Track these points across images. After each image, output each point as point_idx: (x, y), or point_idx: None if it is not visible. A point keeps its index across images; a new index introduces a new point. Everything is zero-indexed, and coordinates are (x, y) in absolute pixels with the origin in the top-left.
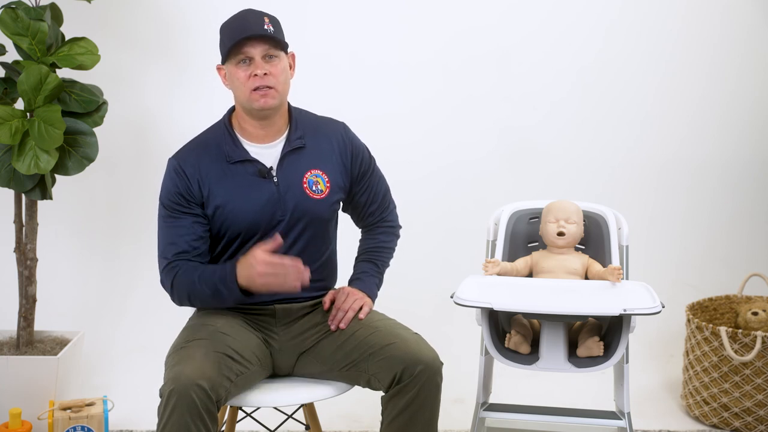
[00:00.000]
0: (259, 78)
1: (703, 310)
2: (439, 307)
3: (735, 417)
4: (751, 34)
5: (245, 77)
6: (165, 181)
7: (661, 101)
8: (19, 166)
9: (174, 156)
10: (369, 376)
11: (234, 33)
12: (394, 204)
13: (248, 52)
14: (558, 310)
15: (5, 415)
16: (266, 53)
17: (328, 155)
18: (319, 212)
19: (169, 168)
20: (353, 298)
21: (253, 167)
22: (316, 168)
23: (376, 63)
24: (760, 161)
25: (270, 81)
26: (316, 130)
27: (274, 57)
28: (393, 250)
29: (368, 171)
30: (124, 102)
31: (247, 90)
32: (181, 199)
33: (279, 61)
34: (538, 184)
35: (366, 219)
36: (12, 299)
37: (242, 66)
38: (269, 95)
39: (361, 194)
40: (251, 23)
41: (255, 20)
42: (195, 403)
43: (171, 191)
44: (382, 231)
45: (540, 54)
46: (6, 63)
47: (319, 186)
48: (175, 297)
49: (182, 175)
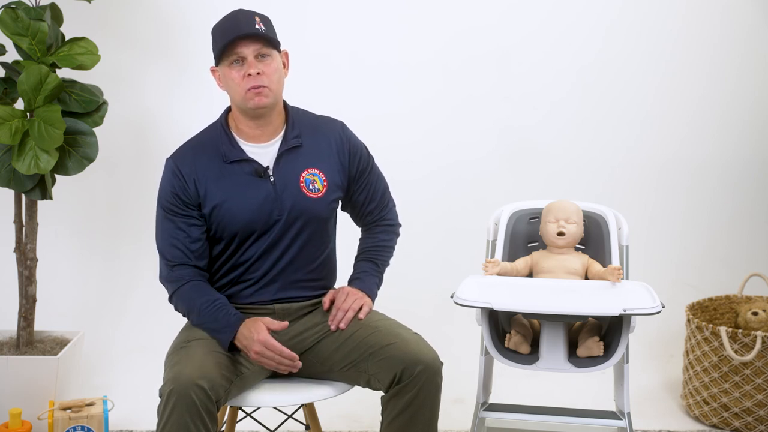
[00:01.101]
0: (253, 77)
1: (703, 310)
2: (439, 307)
3: (735, 417)
4: (751, 34)
5: (239, 77)
6: (162, 182)
7: (661, 101)
8: (19, 166)
9: (171, 156)
10: (369, 376)
11: (225, 33)
12: (394, 202)
13: (240, 52)
14: (558, 310)
15: (5, 415)
16: (258, 52)
17: (326, 154)
18: (316, 211)
19: (166, 169)
20: (353, 298)
21: (249, 167)
22: (313, 167)
23: (376, 63)
24: (760, 161)
25: (263, 80)
26: (313, 129)
27: (267, 56)
28: (393, 248)
29: (366, 169)
30: (124, 102)
31: (241, 90)
32: (177, 200)
33: (272, 60)
34: (538, 184)
35: (365, 218)
36: (12, 299)
37: (235, 66)
38: (263, 93)
39: (360, 193)
40: (242, 23)
41: (246, 20)
42: (195, 403)
43: (168, 192)
44: (381, 230)
45: (540, 54)
46: (6, 63)
47: (316, 185)
48: (173, 304)
49: (179, 175)
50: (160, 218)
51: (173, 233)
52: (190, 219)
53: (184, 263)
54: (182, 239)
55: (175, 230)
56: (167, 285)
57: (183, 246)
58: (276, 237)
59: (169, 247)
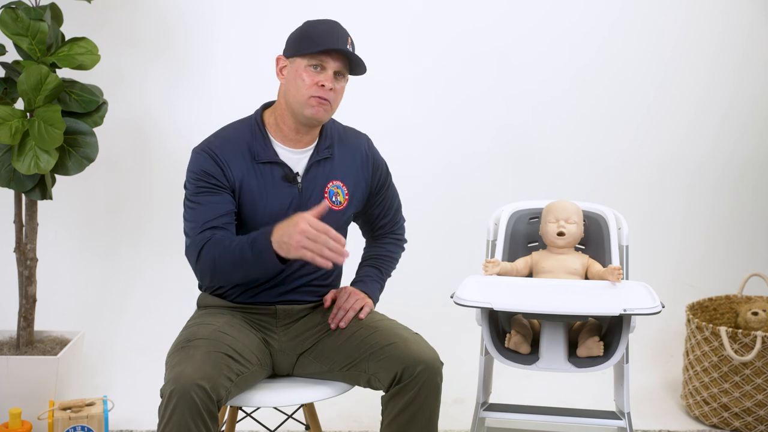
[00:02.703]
0: (325, 90)
1: (703, 310)
2: (439, 307)
3: (735, 417)
4: (752, 34)
5: (311, 82)
6: (193, 167)
7: (661, 101)
8: (19, 166)
9: (201, 146)
10: (369, 376)
11: (322, 39)
12: (404, 219)
13: (326, 62)
14: (558, 310)
15: (5, 415)
16: (339, 70)
17: (350, 167)
18: (335, 223)
19: (199, 156)
20: (354, 298)
21: (280, 170)
22: (338, 179)
23: (376, 63)
24: (760, 161)
25: (331, 96)
26: (342, 141)
27: (343, 78)
28: (397, 261)
29: (385, 185)
30: (124, 102)
31: (307, 93)
32: (214, 179)
33: (345, 83)
34: (539, 184)
35: (375, 231)
36: (12, 299)
37: (313, 71)
38: (325, 108)
39: (375, 207)
40: (339, 37)
41: (342, 36)
42: (195, 403)
43: (203, 173)
44: (389, 241)
45: (540, 53)
46: (6, 63)
47: (339, 198)
48: (199, 265)
49: (217, 159)
50: (190, 198)
51: (205, 206)
52: (226, 196)
53: (216, 227)
54: (214, 209)
55: (209, 205)
56: (193, 245)
57: (213, 214)
58: None
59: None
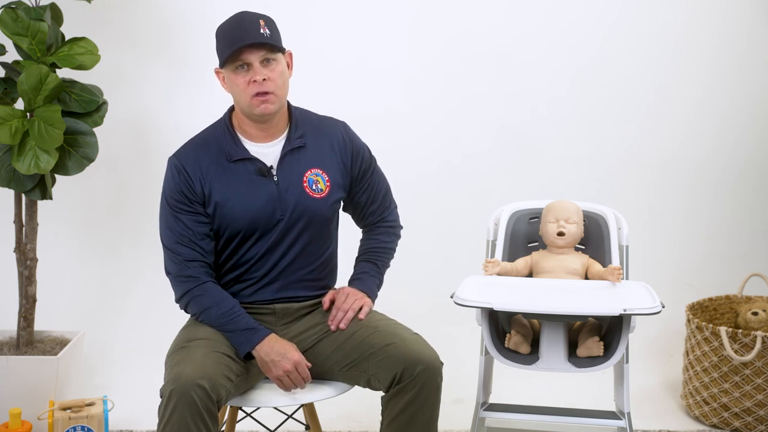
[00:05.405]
0: (259, 84)
1: (703, 310)
2: (439, 307)
3: (735, 417)
4: (752, 34)
5: (244, 83)
6: (167, 179)
7: (661, 100)
8: (19, 166)
9: (174, 155)
10: (369, 376)
11: (231, 41)
12: (395, 204)
13: (246, 58)
14: (558, 310)
15: (5, 415)
16: (264, 58)
17: (329, 154)
18: (319, 211)
19: (170, 167)
20: (353, 299)
21: (253, 166)
22: (316, 167)
23: (376, 63)
24: (760, 161)
25: (269, 86)
26: (316, 129)
27: (272, 60)
28: (393, 250)
29: (369, 170)
30: (124, 102)
31: (247, 96)
32: (183, 197)
33: (277, 65)
34: (539, 183)
35: (366, 218)
36: (12, 299)
37: (241, 72)
38: (269, 101)
39: (362, 193)
40: (248, 29)
41: (251, 25)
42: (195, 403)
43: (174, 190)
44: (382, 231)
45: (540, 53)
46: (6, 63)
47: (319, 185)
48: (182, 302)
49: (183, 173)
50: (167, 215)
51: (182, 231)
52: (198, 216)
53: (197, 260)
54: (191, 236)
55: (183, 228)
56: (178, 283)
57: (193, 243)
58: (278, 236)
59: (178, 245)
